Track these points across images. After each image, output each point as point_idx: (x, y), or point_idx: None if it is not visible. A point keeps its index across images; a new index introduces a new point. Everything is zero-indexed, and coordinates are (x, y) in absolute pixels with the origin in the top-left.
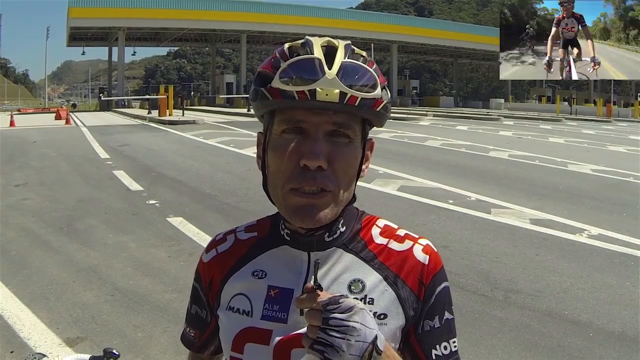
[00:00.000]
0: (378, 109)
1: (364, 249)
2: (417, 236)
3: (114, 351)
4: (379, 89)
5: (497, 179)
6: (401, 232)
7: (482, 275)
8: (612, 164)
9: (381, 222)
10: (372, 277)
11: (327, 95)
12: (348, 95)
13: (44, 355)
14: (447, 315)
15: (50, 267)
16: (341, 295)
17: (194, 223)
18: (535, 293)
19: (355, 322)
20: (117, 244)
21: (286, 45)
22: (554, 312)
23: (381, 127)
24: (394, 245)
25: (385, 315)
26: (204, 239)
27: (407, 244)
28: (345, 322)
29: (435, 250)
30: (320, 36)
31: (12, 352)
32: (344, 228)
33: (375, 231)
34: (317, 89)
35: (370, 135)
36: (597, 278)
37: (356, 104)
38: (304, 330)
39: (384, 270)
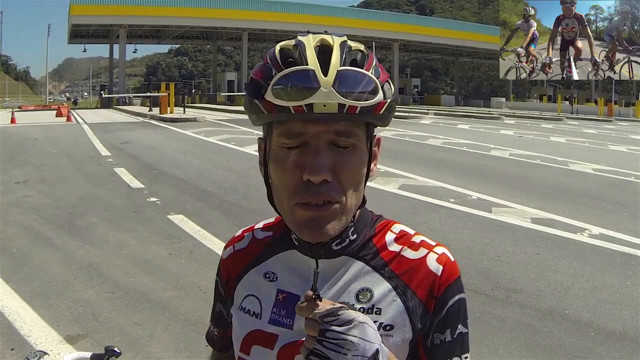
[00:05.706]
0: (381, 112)
1: (375, 257)
2: (433, 243)
3: (116, 349)
4: (380, 92)
5: (498, 177)
6: (417, 239)
7: (483, 274)
8: (614, 163)
9: (397, 228)
10: (381, 287)
11: (325, 106)
12: (347, 106)
13: (45, 353)
14: (460, 328)
15: (51, 264)
16: (341, 307)
17: (195, 220)
18: (536, 292)
19: (353, 336)
20: (117, 241)
21: (277, 48)
22: (555, 312)
23: (386, 126)
24: (408, 253)
25: (392, 327)
26: (205, 237)
27: (422, 252)
28: (342, 336)
29: (452, 259)
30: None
31: (12, 349)
32: (355, 236)
33: (389, 237)
34: (314, 102)
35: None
36: (598, 277)
37: (357, 112)
38: None
39: (395, 279)
